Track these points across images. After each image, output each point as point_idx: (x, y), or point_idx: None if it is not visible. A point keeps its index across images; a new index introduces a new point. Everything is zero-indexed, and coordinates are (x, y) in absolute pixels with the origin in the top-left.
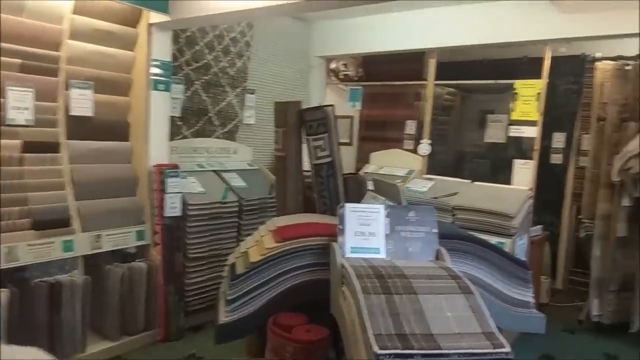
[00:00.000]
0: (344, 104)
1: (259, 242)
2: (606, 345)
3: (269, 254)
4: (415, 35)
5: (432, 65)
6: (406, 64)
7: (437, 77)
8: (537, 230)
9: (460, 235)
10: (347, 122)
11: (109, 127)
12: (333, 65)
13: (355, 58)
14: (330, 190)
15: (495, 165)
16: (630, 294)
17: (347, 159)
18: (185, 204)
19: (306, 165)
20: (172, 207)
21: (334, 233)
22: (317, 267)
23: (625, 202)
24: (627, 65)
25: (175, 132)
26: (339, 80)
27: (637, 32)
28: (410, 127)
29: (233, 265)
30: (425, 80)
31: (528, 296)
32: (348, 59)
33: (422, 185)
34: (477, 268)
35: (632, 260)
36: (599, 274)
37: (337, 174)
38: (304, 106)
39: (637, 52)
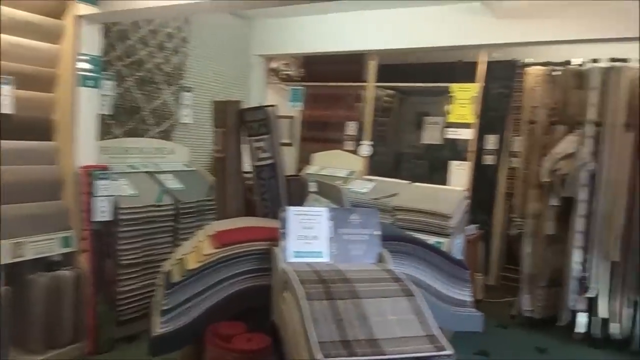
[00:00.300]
0: (285, 104)
1: (197, 248)
2: (537, 339)
3: (207, 261)
4: (356, 37)
5: (372, 68)
6: (347, 66)
7: (377, 79)
8: (472, 229)
9: (401, 236)
10: (288, 122)
11: (32, 126)
12: (274, 65)
13: (296, 58)
14: (272, 193)
15: (432, 166)
16: (558, 289)
17: (288, 159)
18: (116, 208)
19: (247, 166)
20: (102, 212)
21: (275, 237)
22: (258, 273)
23: (554, 201)
24: (556, 71)
25: (105, 132)
26: (279, 80)
27: (568, 39)
28: (351, 128)
29: (168, 273)
30: (366, 82)
31: (466, 295)
32: (289, 58)
33: (363, 186)
34: (418, 269)
35: (561, 256)
36: (530, 270)
37: (279, 176)
38: (244, 106)
39: (565, 59)
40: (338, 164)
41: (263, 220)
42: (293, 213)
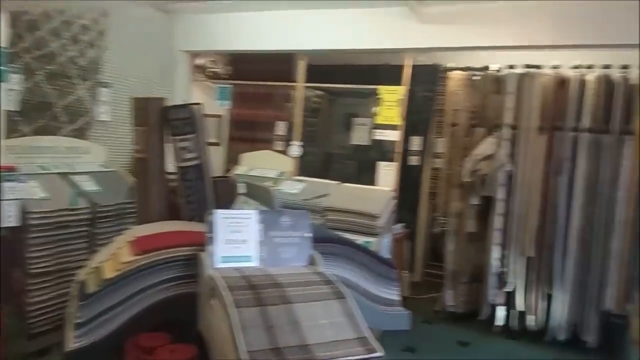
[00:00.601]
0: (212, 103)
1: (115, 256)
2: (460, 333)
3: (126, 269)
4: (283, 36)
5: (301, 68)
6: (277, 65)
7: (307, 80)
8: (399, 228)
9: (331, 237)
10: (216, 121)
11: None
12: (200, 62)
13: (223, 55)
14: (198, 195)
15: (361, 166)
16: (479, 284)
17: (215, 160)
18: (24, 212)
19: (170, 167)
20: (8, 216)
21: (202, 242)
22: (182, 281)
23: (474, 200)
24: (475, 76)
25: (11, 129)
26: (206, 78)
27: (487, 45)
28: (281, 128)
29: (83, 283)
30: (295, 82)
31: (394, 294)
32: (216, 55)
33: (294, 187)
34: (348, 270)
35: (481, 253)
36: (452, 267)
37: (205, 177)
38: (168, 103)
39: (484, 65)
40: (268, 164)
41: (188, 224)
42: (221, 216)
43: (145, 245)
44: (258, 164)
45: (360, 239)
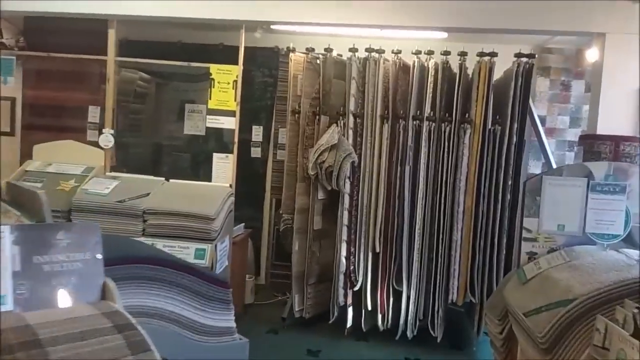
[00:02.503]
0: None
1: None
2: (309, 340)
3: None
4: None
5: (112, 37)
6: (85, 36)
7: (123, 55)
8: (240, 229)
9: (138, 256)
10: (6, 104)
11: None
12: None
13: (11, 22)
14: None
15: (195, 160)
16: (328, 285)
17: (6, 152)
18: None
19: None
20: None
21: None
22: None
23: (321, 195)
24: (317, 58)
25: None
26: None
27: (330, 22)
28: (94, 114)
29: None
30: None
31: (230, 320)
32: (2, 21)
33: (105, 186)
34: (166, 297)
35: (329, 251)
36: (299, 268)
37: None
38: None
39: (327, 47)
40: (71, 157)
41: None
42: None
43: None
44: (59, 157)
45: (192, 246)
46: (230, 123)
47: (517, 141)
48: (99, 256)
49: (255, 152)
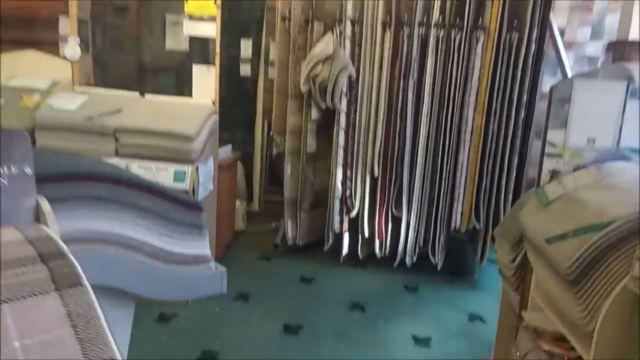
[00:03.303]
0: None
1: None
2: (303, 268)
3: None
4: None
5: None
6: None
7: None
8: (227, 151)
9: (91, 173)
10: None
11: None
12: None
13: None
14: None
15: (177, 76)
16: (323, 211)
17: None
18: None
19: None
20: None
21: None
22: None
23: (314, 114)
24: None
25: None
26: None
27: None
28: (65, 25)
29: None
30: None
31: (203, 248)
32: None
33: (72, 102)
34: (126, 221)
35: (324, 176)
36: (292, 193)
37: None
38: None
39: None
40: (36, 70)
41: None
42: None
43: None
44: (21, 69)
45: (170, 168)
46: (209, 30)
47: (535, 51)
48: (29, 171)
49: (245, 70)
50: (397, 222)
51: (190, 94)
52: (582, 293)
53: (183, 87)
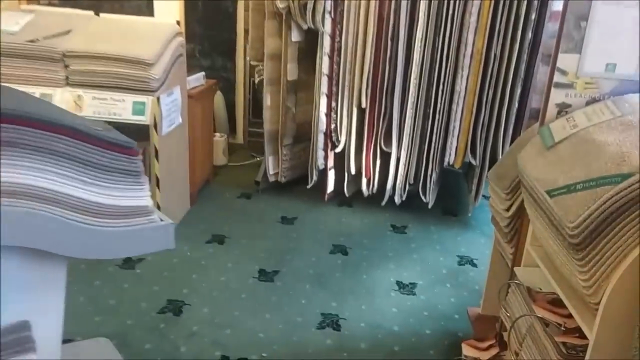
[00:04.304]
0: None
1: None
2: (284, 207)
3: None
4: None
5: None
6: None
7: None
8: (198, 78)
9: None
10: None
11: None
12: None
13: None
14: None
15: None
16: (306, 146)
17: None
18: None
19: None
20: None
21: None
22: None
23: (295, 36)
24: None
25: None
26: None
27: None
28: None
29: None
30: None
31: (142, 198)
32: None
33: (15, 22)
34: (40, 170)
35: (307, 106)
36: (272, 126)
37: None
38: None
39: None
40: None
41: None
42: None
43: None
44: None
45: (128, 99)
46: None
47: None
48: None
49: None
50: (386, 157)
51: (152, 14)
52: (588, 260)
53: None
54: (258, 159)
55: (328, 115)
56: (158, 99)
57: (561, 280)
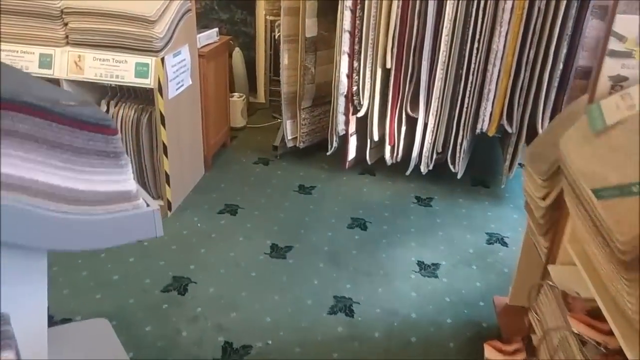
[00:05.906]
0: None
1: None
2: (303, 175)
3: None
4: None
5: None
6: None
7: None
8: (211, 36)
9: None
10: None
11: None
12: None
13: None
14: None
15: None
16: (326, 109)
17: None
18: None
19: None
20: None
21: None
22: None
23: None
24: None
25: None
26: None
27: None
28: None
29: None
30: None
31: (123, 181)
32: None
33: None
34: (9, 155)
35: (328, 66)
36: (290, 87)
37: None
38: None
39: None
40: None
41: None
42: None
43: None
44: None
45: (130, 60)
46: None
47: None
48: None
49: None
50: (412, 123)
51: None
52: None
53: None
54: (279, 120)
55: (350, 76)
56: (162, 59)
57: (603, 290)
